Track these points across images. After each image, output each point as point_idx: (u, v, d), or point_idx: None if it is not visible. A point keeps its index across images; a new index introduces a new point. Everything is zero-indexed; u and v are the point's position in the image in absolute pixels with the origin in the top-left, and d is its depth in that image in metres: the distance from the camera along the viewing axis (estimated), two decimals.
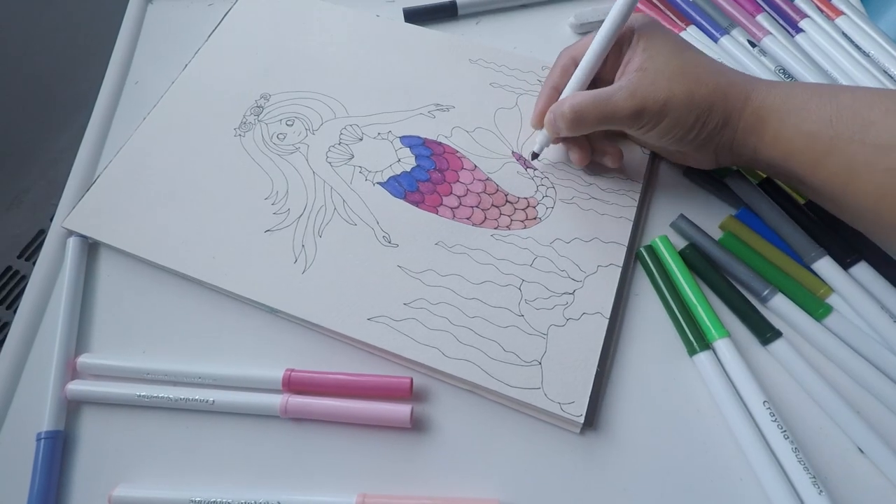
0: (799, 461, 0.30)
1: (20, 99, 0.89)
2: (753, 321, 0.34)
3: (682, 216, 0.38)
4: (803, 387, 0.33)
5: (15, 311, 0.36)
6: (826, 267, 0.35)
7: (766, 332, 0.34)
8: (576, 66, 0.37)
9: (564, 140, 0.39)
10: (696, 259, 0.36)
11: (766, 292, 0.35)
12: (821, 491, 0.29)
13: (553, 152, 0.41)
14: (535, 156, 0.39)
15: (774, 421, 0.31)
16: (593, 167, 0.40)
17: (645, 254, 0.37)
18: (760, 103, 0.33)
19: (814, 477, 0.29)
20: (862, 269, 0.35)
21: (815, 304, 0.34)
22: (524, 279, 0.36)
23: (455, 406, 0.33)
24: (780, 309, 0.35)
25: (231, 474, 0.32)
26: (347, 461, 0.32)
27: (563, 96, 0.37)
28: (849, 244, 0.35)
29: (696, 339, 0.34)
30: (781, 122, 0.32)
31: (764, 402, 0.31)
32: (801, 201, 0.38)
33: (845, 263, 0.35)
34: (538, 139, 0.39)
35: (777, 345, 0.34)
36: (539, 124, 0.39)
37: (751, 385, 0.32)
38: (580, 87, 0.36)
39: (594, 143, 0.39)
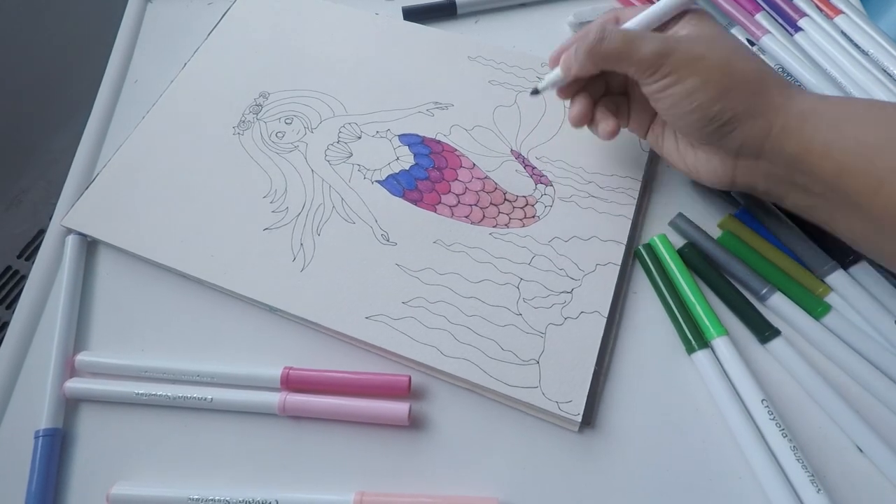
0: (797, 459, 0.30)
1: (20, 99, 0.89)
2: (752, 319, 0.34)
3: (680, 215, 0.38)
4: (802, 385, 0.33)
5: (14, 311, 0.36)
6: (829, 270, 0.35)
7: (764, 331, 0.34)
8: (617, 23, 0.34)
9: (569, 89, 0.36)
10: (695, 257, 0.36)
11: (764, 290, 0.35)
12: (819, 489, 0.29)
13: (553, 149, 0.41)
14: (535, 91, 0.37)
15: (773, 419, 0.31)
16: (592, 164, 0.40)
17: (643, 252, 0.37)
18: (807, 105, 0.29)
19: (812, 475, 0.29)
20: (862, 269, 0.35)
21: (814, 303, 0.34)
22: (522, 278, 0.36)
23: (453, 404, 0.33)
24: (778, 307, 0.35)
25: (229, 472, 0.32)
26: (345, 459, 0.32)
27: None
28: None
29: (695, 338, 0.33)
30: (836, 129, 0.28)
31: (762, 400, 0.31)
32: None
33: (845, 263, 0.35)
34: (547, 76, 0.36)
35: (776, 343, 0.34)
36: (555, 63, 0.36)
37: (749, 384, 0.32)
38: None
39: (595, 110, 0.36)
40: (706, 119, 0.30)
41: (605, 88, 0.37)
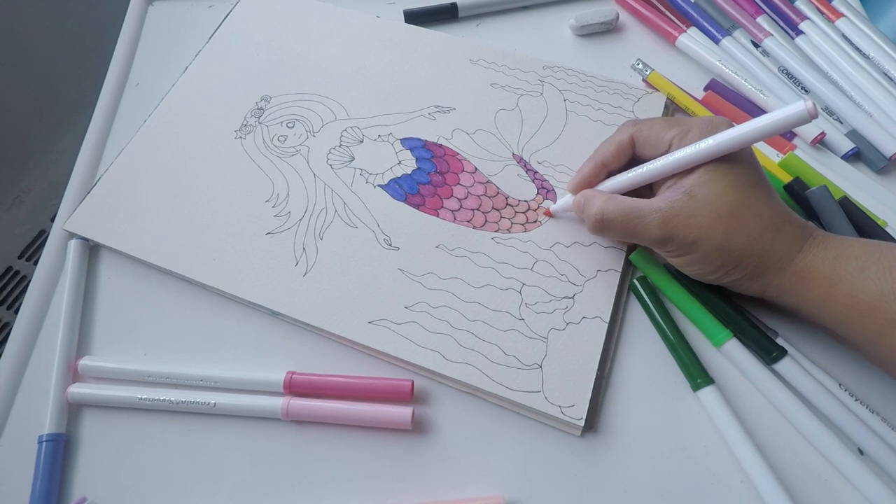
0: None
1: (21, 99, 0.89)
2: (760, 342, 0.34)
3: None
4: (810, 400, 0.33)
5: (16, 312, 0.37)
6: None
7: (771, 352, 0.33)
8: (632, 146, 0.34)
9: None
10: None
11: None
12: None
13: (555, 154, 0.41)
14: (549, 213, 0.38)
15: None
16: None
17: (638, 285, 0.36)
18: (805, 265, 0.30)
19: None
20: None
21: None
22: (525, 283, 0.36)
23: (456, 408, 0.33)
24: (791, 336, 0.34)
25: (232, 477, 0.32)
26: (349, 464, 0.32)
27: (605, 187, 0.35)
28: None
29: (699, 374, 0.33)
30: (831, 288, 0.29)
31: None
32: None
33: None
34: (562, 201, 0.37)
35: (783, 364, 0.33)
36: (573, 190, 0.36)
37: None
38: (623, 189, 0.34)
39: None
40: (710, 278, 0.33)
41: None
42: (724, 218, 0.30)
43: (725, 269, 0.31)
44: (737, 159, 0.31)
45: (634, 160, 0.34)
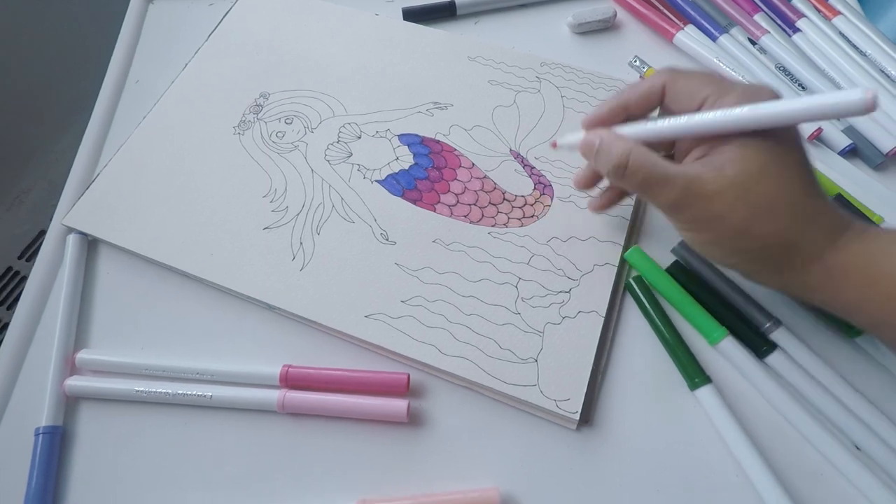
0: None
1: (21, 99, 0.89)
2: (750, 337, 0.34)
3: (682, 242, 0.36)
4: (801, 393, 0.33)
5: (15, 311, 0.37)
6: None
7: (761, 346, 0.33)
8: (662, 95, 0.30)
9: (589, 182, 0.35)
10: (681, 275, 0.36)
11: (767, 325, 0.34)
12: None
13: (550, 150, 0.41)
14: (554, 145, 0.35)
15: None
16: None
17: (635, 285, 0.36)
18: (839, 262, 0.27)
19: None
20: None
21: (846, 328, 0.34)
22: (521, 277, 0.36)
23: (451, 402, 0.33)
24: (782, 339, 0.34)
25: (228, 469, 0.32)
26: (345, 457, 0.32)
27: (628, 132, 0.31)
28: None
29: (696, 374, 0.33)
30: (868, 289, 0.26)
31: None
32: None
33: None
34: (570, 137, 0.34)
35: (775, 358, 0.33)
36: (588, 126, 0.33)
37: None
38: (641, 139, 0.30)
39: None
40: (722, 264, 0.30)
41: None
42: (753, 202, 0.27)
43: (743, 257, 0.29)
44: (781, 138, 0.27)
45: (661, 111, 0.32)
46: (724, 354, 0.34)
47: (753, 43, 0.46)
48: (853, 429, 0.31)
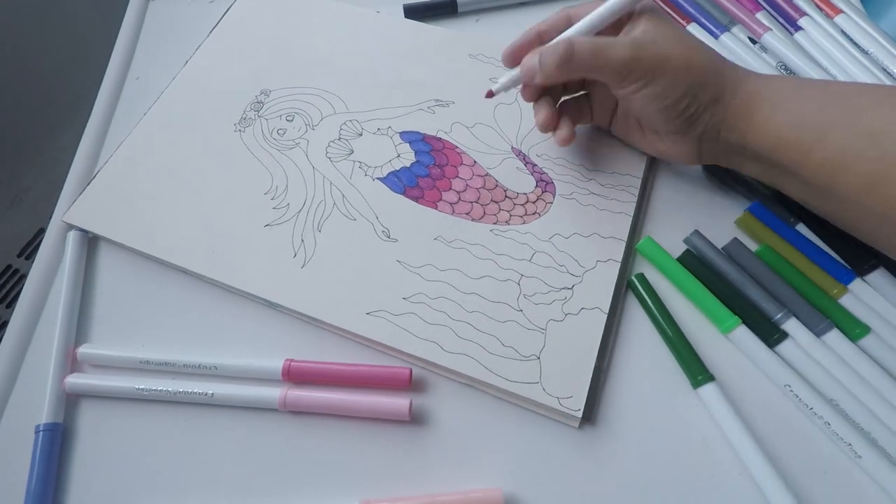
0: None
1: (21, 98, 0.89)
2: (761, 325, 0.34)
3: (696, 232, 0.36)
4: (811, 383, 0.33)
5: (15, 309, 0.36)
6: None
7: (773, 334, 0.33)
8: (568, 20, 0.35)
9: (534, 92, 0.37)
10: (693, 264, 0.36)
11: (779, 315, 0.34)
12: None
13: (553, 147, 0.41)
14: (490, 94, 0.37)
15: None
16: (593, 161, 0.40)
17: (637, 283, 0.36)
18: (753, 87, 0.33)
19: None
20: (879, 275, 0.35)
21: (851, 325, 0.34)
22: (523, 274, 0.36)
23: (454, 399, 0.33)
24: (793, 329, 0.34)
25: (229, 467, 0.32)
26: (346, 455, 0.32)
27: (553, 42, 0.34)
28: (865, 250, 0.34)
29: (699, 371, 0.33)
30: (773, 107, 0.32)
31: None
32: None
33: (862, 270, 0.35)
34: (503, 78, 0.36)
35: (785, 345, 0.33)
36: (511, 62, 0.36)
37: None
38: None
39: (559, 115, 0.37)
40: (676, 113, 0.33)
41: (563, 87, 0.38)
42: (682, 42, 0.32)
43: (693, 92, 0.32)
44: (664, 16, 0.34)
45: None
46: (736, 343, 0.34)
47: (755, 41, 0.46)
48: (864, 418, 0.31)
